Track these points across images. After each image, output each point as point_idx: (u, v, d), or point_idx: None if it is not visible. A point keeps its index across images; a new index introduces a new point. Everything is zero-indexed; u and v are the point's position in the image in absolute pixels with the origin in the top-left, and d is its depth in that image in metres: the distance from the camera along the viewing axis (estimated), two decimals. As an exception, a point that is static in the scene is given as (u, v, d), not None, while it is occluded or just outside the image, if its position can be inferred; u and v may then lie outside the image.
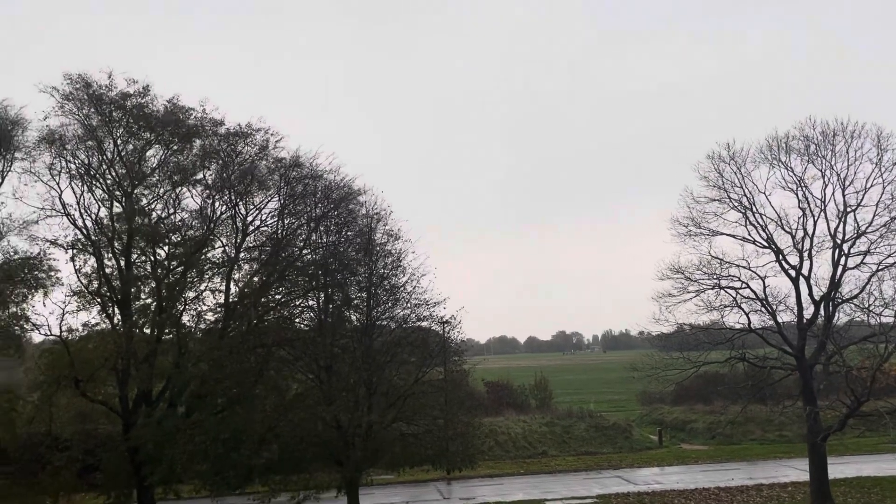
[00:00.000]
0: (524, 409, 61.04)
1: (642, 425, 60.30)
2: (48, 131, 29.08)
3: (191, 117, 30.30)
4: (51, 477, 31.11)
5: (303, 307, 31.32)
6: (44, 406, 29.09)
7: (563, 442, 52.55)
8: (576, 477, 43.96)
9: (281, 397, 29.10)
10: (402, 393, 28.90)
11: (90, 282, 29.42)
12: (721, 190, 33.59)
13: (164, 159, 30.75)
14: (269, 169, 31.17)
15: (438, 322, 31.57)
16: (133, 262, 29.98)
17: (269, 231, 31.47)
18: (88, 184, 29.68)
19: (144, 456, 27.62)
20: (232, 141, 30.65)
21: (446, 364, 31.97)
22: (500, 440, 51.22)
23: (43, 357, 29.31)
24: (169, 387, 29.54)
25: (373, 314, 30.41)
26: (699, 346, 34.02)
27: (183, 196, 30.87)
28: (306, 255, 31.10)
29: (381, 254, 30.80)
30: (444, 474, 41.12)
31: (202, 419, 27.90)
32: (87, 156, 29.72)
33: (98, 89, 29.21)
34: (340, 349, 29.76)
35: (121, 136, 29.95)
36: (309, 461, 27.77)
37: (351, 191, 31.23)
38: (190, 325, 30.58)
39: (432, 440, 29.67)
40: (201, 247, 30.26)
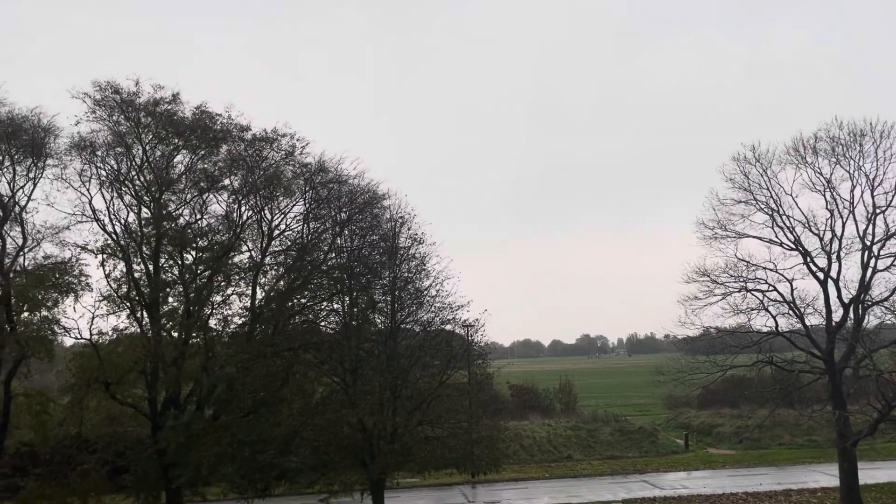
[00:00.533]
0: (549, 413, 60.81)
1: (668, 429, 59.78)
2: (79, 138, 29.65)
3: (217, 123, 30.68)
4: (80, 478, 31.61)
5: (328, 311, 31.56)
6: (74, 408, 29.56)
7: (589, 446, 52.28)
8: (601, 481, 43.70)
9: (307, 400, 29.33)
10: (426, 396, 28.96)
11: (119, 286, 29.92)
12: (747, 192, 33.28)
13: (191, 165, 31.19)
14: (295, 174, 31.48)
15: (462, 325, 31.59)
16: (161, 266, 30.43)
17: (294, 235, 31.82)
18: (118, 189, 30.20)
19: (172, 458, 27.96)
20: (258, 146, 30.98)
21: (470, 367, 31.99)
22: (525, 444, 51.07)
23: (74, 360, 29.82)
24: (196, 390, 29.89)
25: (397, 317, 30.51)
26: (726, 349, 33.68)
27: (210, 201, 31.34)
28: (331, 259, 31.31)
29: (405, 257, 30.89)
30: (469, 478, 41.14)
31: (229, 422, 28.24)
32: (116, 162, 30.26)
33: (127, 96, 29.70)
34: (365, 352, 29.91)
35: (149, 142, 30.42)
36: (335, 464, 27.90)
37: (375, 195, 31.41)
38: (217, 328, 30.99)
39: (457, 443, 29.66)
40: (228, 251, 30.62)
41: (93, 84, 29.23)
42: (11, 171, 29.41)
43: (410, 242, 31.06)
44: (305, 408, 28.71)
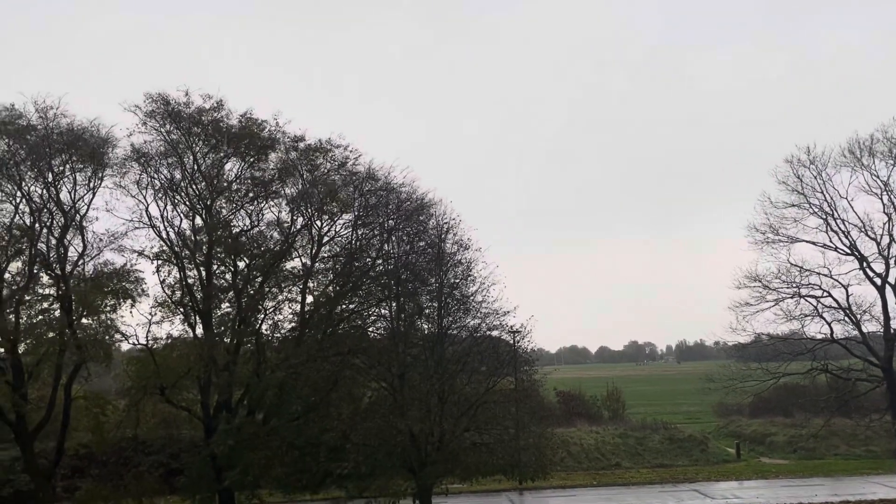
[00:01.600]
0: (596, 420, 60.17)
1: (719, 438, 58.62)
2: (134, 148, 30.56)
3: (264, 130, 31.30)
4: (135, 479, 32.56)
5: (376, 316, 31.85)
6: (131, 411, 30.43)
7: (637, 454, 51.57)
8: (650, 490, 43.06)
9: (355, 405, 29.64)
10: (473, 402, 28.97)
11: (174, 292, 30.74)
12: (800, 195, 32.75)
13: (241, 172, 31.89)
14: (345, 181, 31.91)
15: (508, 331, 31.59)
16: (214, 272, 31.15)
17: (343, 242, 32.25)
18: (171, 197, 31.05)
19: (224, 461, 28.53)
20: (311, 156, 31.50)
21: (517, 373, 31.93)
22: (573, 451, 50.61)
23: (131, 365, 30.72)
24: (248, 394, 30.46)
25: (444, 323, 30.61)
26: (778, 356, 33.11)
27: (261, 208, 31.91)
28: (379, 266, 31.60)
29: (452, 263, 31.00)
30: (517, 484, 40.92)
31: (279, 426, 28.72)
32: (169, 170, 31.13)
33: (176, 106, 30.51)
34: (412, 358, 30.07)
35: (199, 151, 31.17)
36: (383, 469, 28.10)
37: (422, 202, 31.62)
38: (268, 334, 31.59)
39: (504, 450, 29.60)
40: (280, 258, 31.19)
41: (144, 96, 30.20)
42: (73, 180, 30.44)
43: (456, 248, 31.19)
44: (354, 412, 29.03)
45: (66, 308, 29.42)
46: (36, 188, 30.20)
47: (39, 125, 29.73)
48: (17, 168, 29.54)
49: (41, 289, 30.51)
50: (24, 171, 29.76)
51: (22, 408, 29.10)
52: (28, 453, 30.34)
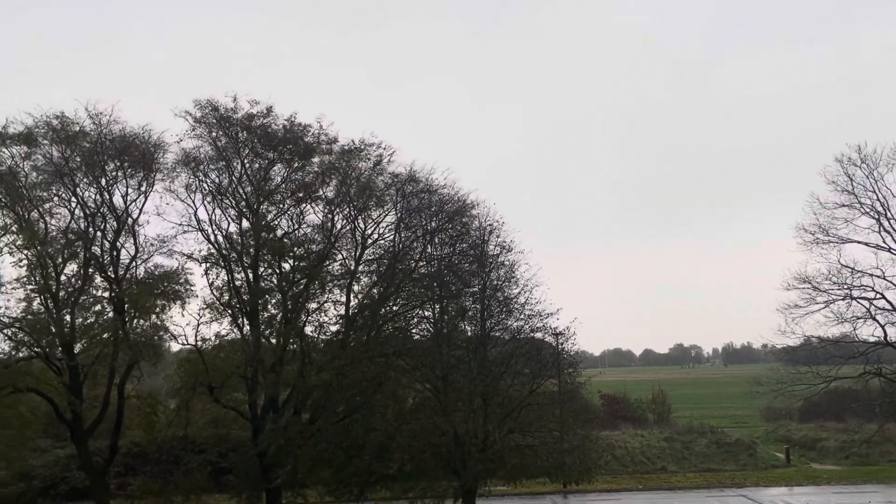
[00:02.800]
0: (641, 424, 59.53)
1: (767, 442, 57.52)
2: (184, 154, 31.30)
3: (308, 134, 31.73)
4: (184, 477, 33.31)
5: (419, 318, 32.00)
6: (181, 411, 31.19)
7: (683, 458, 50.90)
8: (697, 494, 42.49)
9: (400, 406, 29.84)
10: (517, 404, 28.94)
11: (222, 294, 31.38)
12: (851, 195, 31.88)
13: (286, 176, 32.39)
14: (386, 184, 32.18)
15: (552, 333, 31.45)
16: (260, 275, 31.71)
17: (386, 244, 32.49)
18: (219, 201, 31.70)
19: (272, 460, 29.00)
20: (347, 157, 31.86)
21: (560, 376, 31.79)
22: (618, 454, 50.16)
23: (181, 365, 31.45)
24: (294, 394, 30.91)
25: (487, 325, 30.63)
26: (829, 359, 32.31)
27: (306, 211, 32.45)
28: (422, 268, 31.77)
29: (494, 265, 31.01)
30: (561, 487, 40.75)
31: (325, 426, 29.03)
32: (217, 175, 31.76)
33: (225, 112, 31.09)
34: (456, 360, 30.16)
35: (247, 156, 31.75)
36: (427, 469, 28.24)
37: (464, 204, 31.69)
38: (313, 335, 32.03)
39: (548, 452, 29.48)
40: (323, 260, 31.61)
41: (194, 102, 30.85)
42: (125, 185, 31.31)
43: (499, 250, 31.18)
44: (399, 414, 29.22)
45: (119, 310, 30.25)
46: (90, 193, 31.13)
47: (92, 131, 30.60)
48: (72, 174, 30.47)
49: (95, 291, 31.40)
50: (79, 176, 30.67)
51: (77, 407, 30.00)
52: (83, 451, 31.25)
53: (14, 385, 28.51)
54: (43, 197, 30.76)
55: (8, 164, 30.16)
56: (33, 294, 30.10)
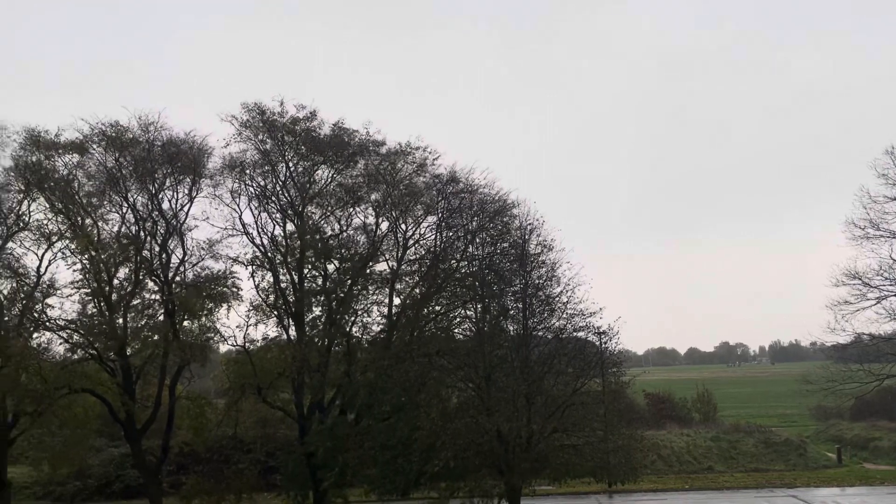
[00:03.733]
0: (687, 423, 58.81)
1: (817, 442, 56.35)
2: (230, 158, 31.93)
3: (354, 139, 32.11)
4: (235, 476, 33.96)
5: (461, 318, 32.11)
6: (230, 411, 31.84)
7: (731, 457, 50.15)
8: (746, 495, 41.83)
9: (444, 405, 29.99)
10: (560, 403, 28.86)
11: (268, 296, 31.97)
12: (902, 188, 31.11)
13: (330, 179, 32.83)
14: (427, 185, 32.41)
15: (595, 332, 31.25)
16: (305, 276, 32.20)
17: (428, 244, 32.73)
18: (265, 204, 32.28)
19: (319, 460, 29.42)
20: (392, 160, 32.16)
21: (604, 375, 31.61)
22: (663, 454, 49.65)
23: (229, 366, 32.10)
24: (339, 394, 31.33)
25: (529, 324, 30.58)
26: (881, 357, 31.60)
27: (349, 214, 32.79)
28: (463, 268, 31.88)
29: (536, 264, 30.95)
30: (606, 487, 40.50)
31: (370, 426, 29.32)
32: (262, 178, 32.31)
33: (270, 116, 31.61)
34: (499, 359, 30.19)
35: (292, 159, 32.26)
36: (472, 469, 28.34)
37: (505, 203, 31.73)
38: (357, 335, 32.39)
39: (593, 452, 29.32)
40: (367, 261, 31.97)
41: (241, 105, 31.45)
42: (173, 190, 32.07)
43: (540, 249, 31.10)
44: (443, 413, 29.34)
45: (169, 312, 31.01)
46: (140, 199, 31.98)
47: (142, 139, 31.43)
48: (124, 180, 31.34)
49: (146, 294, 32.24)
50: (130, 183, 31.53)
51: (130, 407, 30.85)
52: (136, 450, 32.09)
53: (70, 386, 29.40)
54: (96, 203, 31.72)
55: (63, 173, 31.14)
56: (87, 298, 31.08)
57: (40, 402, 28.79)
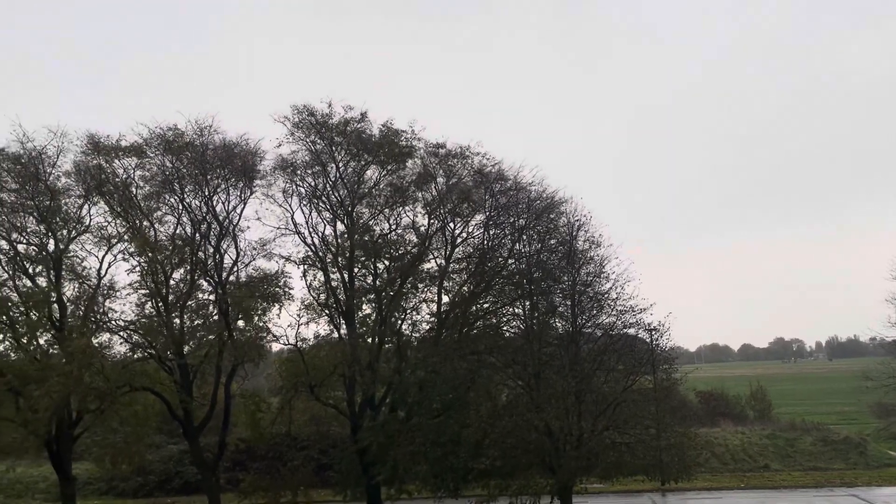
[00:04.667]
0: (741, 421, 57.72)
1: (879, 440, 54.72)
2: (281, 159, 32.56)
3: (402, 139, 32.43)
4: (290, 473, 34.60)
5: (510, 315, 32.15)
6: (284, 409, 32.45)
7: (787, 456, 49.08)
8: (804, 494, 40.92)
9: (493, 403, 30.09)
10: (611, 401, 28.68)
11: (319, 295, 32.49)
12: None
13: (380, 179, 33.21)
14: (476, 183, 32.55)
15: (645, 329, 31.00)
16: (355, 275, 32.64)
17: (475, 242, 32.85)
18: (315, 204, 32.83)
19: (371, 457, 29.80)
20: (450, 162, 32.38)
21: (655, 372, 31.31)
22: (717, 452, 48.85)
23: (282, 364, 32.70)
24: (390, 392, 31.66)
25: (578, 322, 30.47)
26: (946, 352, 30.58)
27: (398, 213, 33.12)
28: (511, 265, 31.92)
29: (584, 261, 30.81)
30: (659, 485, 40.09)
31: (421, 423, 29.58)
32: (313, 179, 32.88)
33: (321, 117, 32.12)
34: (548, 356, 30.14)
35: (342, 160, 32.73)
36: (523, 467, 28.37)
37: (553, 201, 31.66)
38: (407, 333, 32.71)
39: (645, 450, 29.07)
40: (416, 260, 32.25)
41: (292, 108, 32.01)
42: (226, 192, 32.80)
43: (588, 246, 30.96)
44: (492, 410, 29.44)
45: (224, 312, 31.70)
46: (195, 201, 32.75)
47: (196, 142, 32.20)
48: (180, 183, 32.18)
49: (201, 294, 33.03)
50: (185, 185, 32.35)
51: (188, 405, 31.67)
52: (194, 447, 32.93)
53: (131, 384, 30.34)
54: (153, 206, 32.62)
55: (122, 176, 32.12)
56: (146, 298, 31.99)
57: (103, 400, 29.76)
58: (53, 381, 27.36)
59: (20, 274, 31.40)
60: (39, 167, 31.30)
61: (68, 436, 31.71)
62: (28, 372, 28.48)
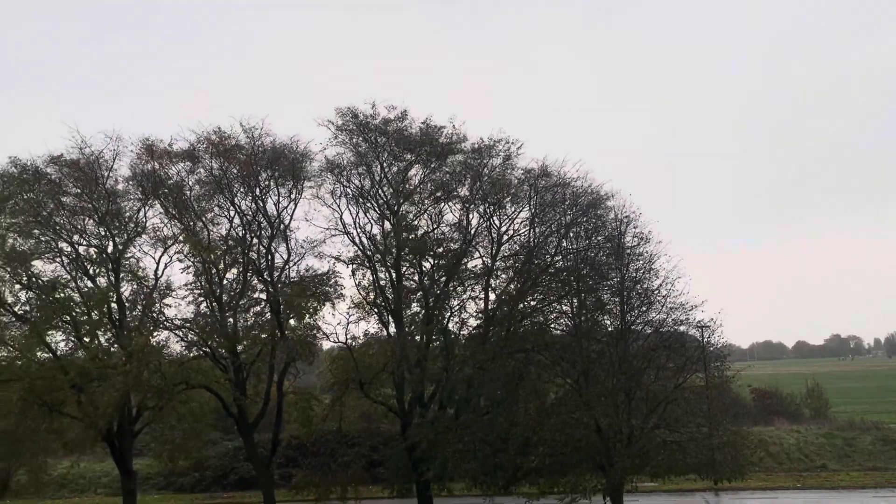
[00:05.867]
0: (796, 419, 56.45)
1: (943, 440, 52.93)
2: (328, 161, 33.02)
3: (442, 135, 32.62)
4: (341, 469, 35.10)
5: (557, 313, 32.01)
6: (334, 406, 32.96)
7: (846, 455, 47.85)
8: (863, 495, 39.85)
9: (541, 401, 30.05)
10: (661, 399, 28.38)
11: (368, 293, 32.90)
12: None
13: (423, 177, 33.46)
14: (519, 180, 32.53)
15: (696, 326, 30.58)
16: (403, 274, 32.95)
17: (521, 240, 32.82)
18: (362, 205, 33.24)
19: (420, 454, 30.05)
20: (479, 155, 32.48)
21: (707, 370, 30.86)
22: (772, 451, 47.90)
23: (333, 362, 33.19)
24: (439, 390, 31.88)
25: (627, 319, 30.20)
26: None
27: (444, 210, 33.37)
28: (558, 262, 31.80)
29: (632, 257, 30.51)
30: (711, 485, 39.51)
31: (469, 421, 29.73)
32: (359, 180, 33.30)
33: (364, 118, 32.49)
34: (596, 354, 29.95)
35: (386, 160, 33.06)
36: (572, 465, 28.28)
37: (599, 196, 31.45)
38: (454, 331, 32.88)
39: (697, 448, 28.66)
40: (461, 257, 32.40)
41: (336, 111, 32.46)
42: (276, 193, 33.42)
43: (636, 242, 30.66)
44: (541, 408, 29.41)
45: (276, 311, 32.32)
46: (246, 202, 33.44)
47: (246, 144, 32.87)
48: (230, 185, 32.89)
49: (253, 294, 33.70)
50: (236, 187, 33.06)
51: (242, 402, 32.35)
52: (249, 444, 33.64)
53: (187, 382, 31.15)
54: (205, 208, 33.42)
55: (175, 179, 32.99)
56: (200, 298, 32.79)
57: (161, 397, 30.64)
58: (114, 379, 28.25)
59: (81, 275, 32.50)
60: (97, 171, 32.35)
61: (129, 432, 32.72)
62: (90, 370, 29.44)
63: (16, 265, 31.02)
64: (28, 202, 31.44)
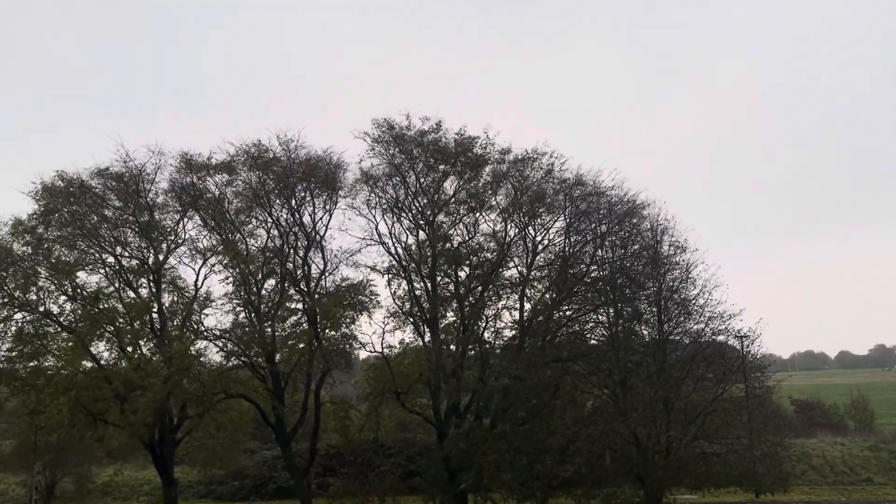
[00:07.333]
0: (840, 431, 55.18)
1: None
2: (363, 172, 33.34)
3: (476, 145, 32.72)
4: (378, 479, 35.22)
5: (594, 322, 31.84)
6: (371, 415, 33.11)
7: (892, 469, 46.64)
8: (910, 509, 38.85)
9: (578, 411, 29.85)
10: (700, 410, 27.99)
11: (403, 303, 33.06)
12: None
13: (458, 188, 33.57)
14: (555, 189, 32.46)
15: (735, 336, 30.17)
16: (438, 283, 33.04)
17: (556, 249, 32.72)
18: (397, 215, 33.48)
19: (457, 464, 30.02)
20: (519, 166, 32.47)
21: (747, 380, 30.39)
22: (815, 464, 46.91)
23: (369, 372, 33.37)
24: (475, 399, 31.84)
25: (664, 328, 29.91)
26: None
27: (479, 220, 33.39)
28: (593, 272, 31.63)
29: (669, 266, 30.24)
30: (753, 497, 38.78)
31: (505, 430, 29.62)
32: (394, 190, 33.52)
33: (399, 130, 32.71)
34: (633, 364, 29.68)
35: (420, 171, 33.25)
36: (610, 476, 28.00)
37: (634, 205, 31.25)
38: (490, 341, 32.85)
39: (737, 460, 28.21)
40: (497, 267, 32.40)
41: (372, 122, 32.75)
42: (312, 204, 33.80)
43: (673, 251, 30.41)
44: (577, 418, 29.20)
45: (312, 321, 32.62)
46: (282, 214, 33.87)
47: (283, 157, 33.31)
48: (267, 197, 33.37)
49: (290, 304, 34.07)
50: (273, 199, 33.52)
51: (280, 411, 32.67)
52: (287, 453, 33.88)
53: (226, 391, 31.58)
54: (243, 220, 33.93)
55: (214, 192, 33.58)
56: (239, 308, 33.27)
57: (200, 406, 31.09)
58: (154, 384, 28.73)
59: (124, 286, 33.18)
60: (140, 184, 33.06)
61: (170, 440, 33.23)
62: (132, 379, 29.99)
63: (61, 276, 31.76)
64: (72, 215, 32.20)
